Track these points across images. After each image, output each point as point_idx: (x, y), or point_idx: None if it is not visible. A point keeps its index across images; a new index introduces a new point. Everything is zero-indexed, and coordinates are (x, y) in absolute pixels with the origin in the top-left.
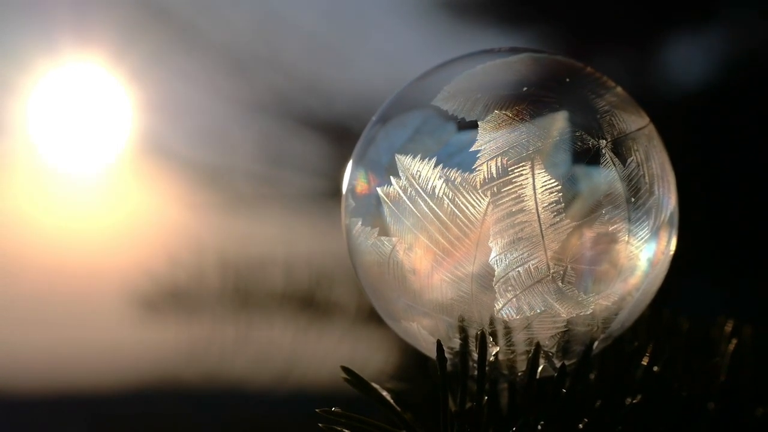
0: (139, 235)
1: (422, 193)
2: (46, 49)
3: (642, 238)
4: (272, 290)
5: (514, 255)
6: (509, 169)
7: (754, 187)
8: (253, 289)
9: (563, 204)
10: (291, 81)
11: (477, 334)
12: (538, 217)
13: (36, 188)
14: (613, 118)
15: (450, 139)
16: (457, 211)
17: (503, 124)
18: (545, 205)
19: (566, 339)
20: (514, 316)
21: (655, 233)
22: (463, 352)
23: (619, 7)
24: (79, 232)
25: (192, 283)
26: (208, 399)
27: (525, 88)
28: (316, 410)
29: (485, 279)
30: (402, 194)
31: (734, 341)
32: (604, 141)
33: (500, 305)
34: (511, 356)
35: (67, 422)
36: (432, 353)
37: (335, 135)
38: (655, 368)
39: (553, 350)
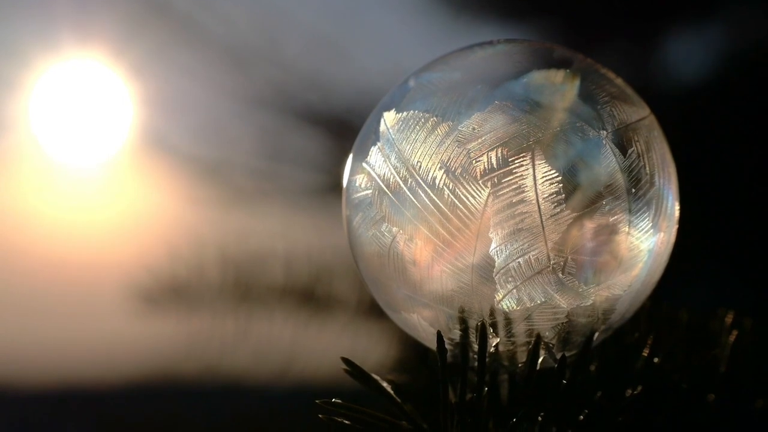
0: (139, 229)
1: (422, 184)
2: (47, 46)
3: (642, 229)
4: (272, 284)
5: (515, 246)
6: (510, 159)
7: (753, 179)
8: (253, 284)
9: (564, 195)
10: (291, 76)
11: (477, 325)
12: (539, 207)
13: (38, 183)
14: (613, 109)
15: (450, 129)
16: (457, 202)
17: (504, 114)
18: (546, 195)
19: (566, 330)
20: (515, 307)
21: (655, 224)
22: (464, 343)
23: (620, 1)
24: (79, 227)
25: (192, 277)
26: (207, 393)
27: (525, 79)
28: (317, 401)
29: (485, 270)
30: (402, 185)
31: (734, 333)
32: (604, 132)
33: (500, 296)
34: (512, 347)
35: (65, 416)
36: (432, 344)
37: (335, 129)
38: (656, 360)
39: (554, 341)
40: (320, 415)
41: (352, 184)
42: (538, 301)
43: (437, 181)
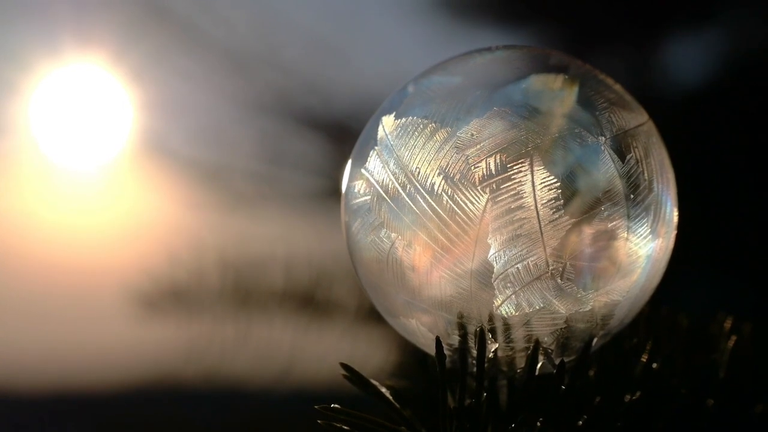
0: (139, 234)
1: (421, 190)
2: (47, 50)
3: (641, 235)
4: (272, 289)
5: (513, 252)
6: (508, 165)
7: (752, 184)
8: (253, 288)
9: (562, 201)
10: (291, 80)
11: (476, 330)
12: (537, 213)
13: (37, 187)
14: (612, 115)
15: (449, 135)
16: (456, 208)
17: (502, 120)
18: (544, 201)
19: (565, 336)
20: (513, 312)
21: (654, 230)
22: (462, 348)
23: (619, 6)
24: (78, 231)
25: (192, 281)
26: (207, 398)
27: (524, 85)
28: (316, 406)
29: (484, 276)
30: (401, 191)
31: (733, 338)
32: (603, 138)
33: (499, 302)
34: (510, 353)
35: (64, 421)
36: (431, 350)
37: (335, 134)
38: (654, 365)
39: (552, 347)
40: (319, 421)
41: (350, 189)
42: (537, 307)
43: (436, 187)
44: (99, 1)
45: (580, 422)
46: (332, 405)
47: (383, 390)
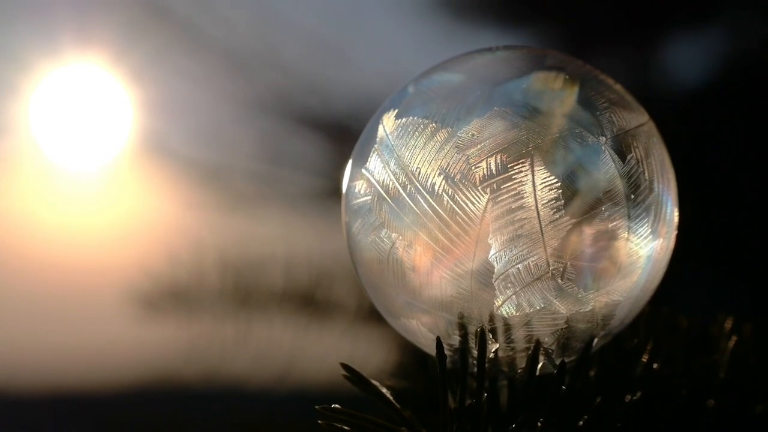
0: (139, 234)
1: (422, 190)
2: (47, 50)
3: (641, 235)
4: (272, 289)
5: (514, 252)
6: (509, 165)
7: (753, 184)
8: (252, 288)
9: (563, 201)
10: (291, 80)
11: (477, 331)
12: (538, 214)
13: (38, 187)
14: (612, 115)
15: (450, 135)
16: (456, 208)
17: (503, 120)
18: (545, 202)
19: (566, 336)
20: (514, 313)
21: (654, 230)
22: (463, 349)
23: (619, 6)
24: (79, 231)
25: (192, 281)
26: (207, 397)
27: (525, 85)
28: (316, 407)
29: (485, 276)
30: (402, 191)
31: (734, 338)
32: (603, 138)
33: (500, 302)
34: (511, 353)
35: (64, 421)
36: (432, 350)
37: (335, 134)
38: (655, 365)
39: (553, 347)
40: (320, 421)
41: (351, 190)
42: (538, 307)
43: (436, 187)
44: (99, 1)
45: (581, 422)
46: (333, 405)
47: (384, 390)
